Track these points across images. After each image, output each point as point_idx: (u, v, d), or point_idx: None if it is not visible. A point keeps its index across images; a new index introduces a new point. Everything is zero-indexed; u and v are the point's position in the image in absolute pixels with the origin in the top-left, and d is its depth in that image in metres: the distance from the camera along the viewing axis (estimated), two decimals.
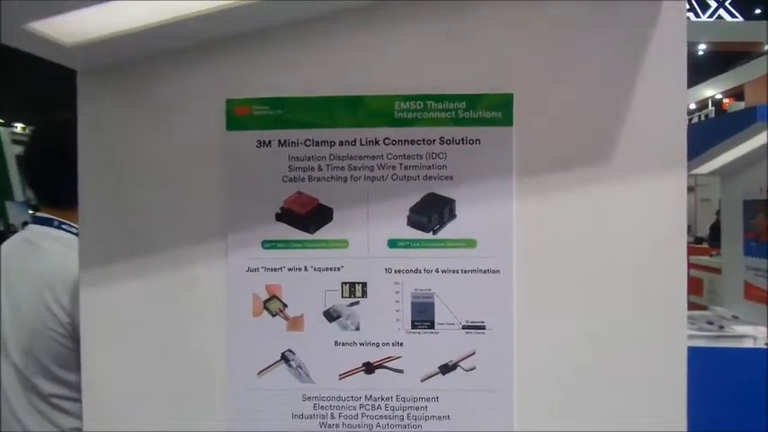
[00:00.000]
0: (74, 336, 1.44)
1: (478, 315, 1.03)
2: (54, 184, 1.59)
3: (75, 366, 1.45)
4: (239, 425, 1.06)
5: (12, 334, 1.48)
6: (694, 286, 4.31)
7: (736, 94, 15.38)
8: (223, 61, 1.05)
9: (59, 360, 1.46)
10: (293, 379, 1.06)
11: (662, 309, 1.03)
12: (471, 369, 1.03)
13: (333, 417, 1.05)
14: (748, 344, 2.51)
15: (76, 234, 1.56)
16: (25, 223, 1.69)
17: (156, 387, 1.08)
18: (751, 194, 3.05)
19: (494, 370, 1.03)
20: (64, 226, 1.58)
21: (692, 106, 16.09)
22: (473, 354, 1.03)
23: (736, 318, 2.92)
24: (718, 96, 16.08)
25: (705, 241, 8.33)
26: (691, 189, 10.18)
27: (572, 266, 1.04)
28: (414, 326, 1.04)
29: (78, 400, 1.47)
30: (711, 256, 5.21)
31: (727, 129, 2.88)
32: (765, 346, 2.48)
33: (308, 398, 1.05)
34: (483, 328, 1.03)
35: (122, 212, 1.09)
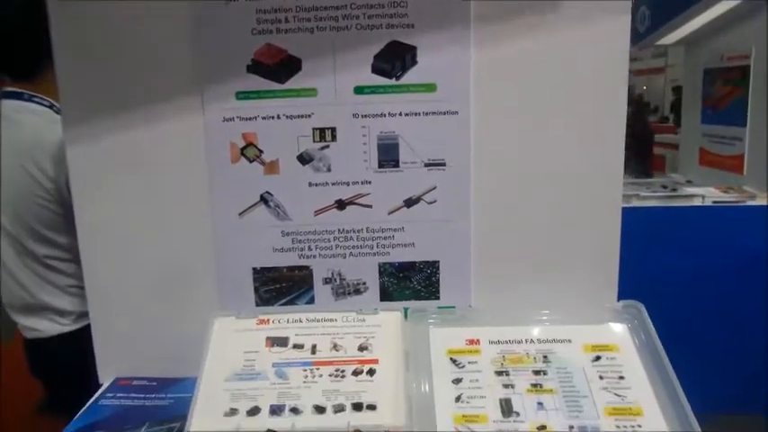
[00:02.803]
0: (59, 200, 1.52)
1: (439, 153, 1.13)
2: (20, 58, 1.61)
3: (65, 229, 1.54)
4: (225, 260, 1.18)
5: (1, 204, 1.55)
6: (658, 163, 4.47)
7: None
8: None
9: (48, 224, 1.54)
10: (272, 218, 1.16)
11: (601, 155, 1.14)
12: (433, 202, 1.15)
13: (310, 249, 1.17)
14: (697, 202, 2.68)
15: (48, 106, 1.60)
16: None
17: (146, 232, 1.18)
18: (712, 63, 3.13)
19: (453, 202, 1.15)
20: (35, 99, 1.60)
21: None
22: (434, 188, 1.14)
23: (689, 182, 3.10)
24: None
25: (670, 120, 8.45)
26: (661, 70, 10.20)
27: (523, 108, 1.13)
28: (380, 165, 1.14)
29: (71, 261, 1.59)
30: (675, 133, 5.34)
31: None
32: (712, 204, 2.66)
33: (287, 233, 1.17)
34: (443, 164, 1.13)
35: (99, 72, 1.13)
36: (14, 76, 1.63)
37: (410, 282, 1.18)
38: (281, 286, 1.18)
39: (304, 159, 1.14)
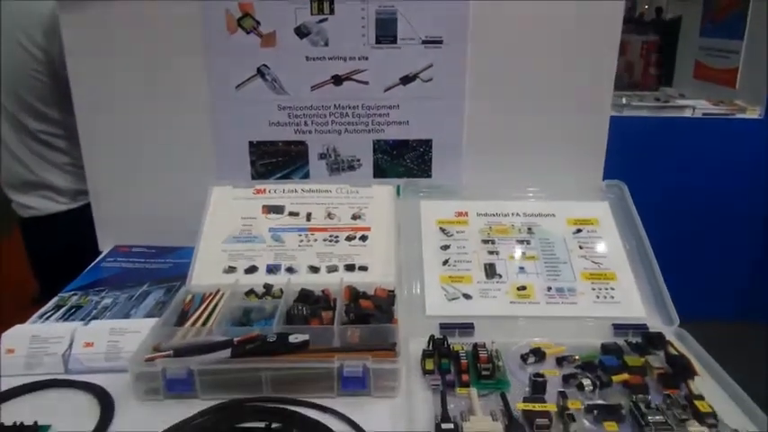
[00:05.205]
0: (51, 72, 1.51)
1: (437, 31, 1.13)
2: None
3: (58, 103, 1.54)
4: (222, 133, 1.19)
5: None
6: (654, 81, 4.44)
7: None
8: None
9: (41, 97, 1.54)
10: (269, 91, 1.17)
11: (597, 39, 1.14)
12: (429, 80, 1.16)
13: (306, 124, 1.19)
14: (687, 114, 2.70)
15: None
16: None
17: (144, 104, 1.19)
18: None
19: (448, 80, 1.16)
20: None
21: None
22: (431, 66, 1.15)
23: (682, 95, 3.10)
24: None
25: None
26: None
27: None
28: (378, 41, 1.14)
29: (67, 138, 1.59)
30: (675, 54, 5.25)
31: None
32: (703, 116, 2.69)
33: (283, 108, 1.18)
34: (440, 42, 1.14)
35: None
36: None
37: (403, 159, 1.21)
38: (277, 161, 1.21)
39: (301, 32, 1.14)
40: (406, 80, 1.16)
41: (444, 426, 0.68)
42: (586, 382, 0.76)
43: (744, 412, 0.74)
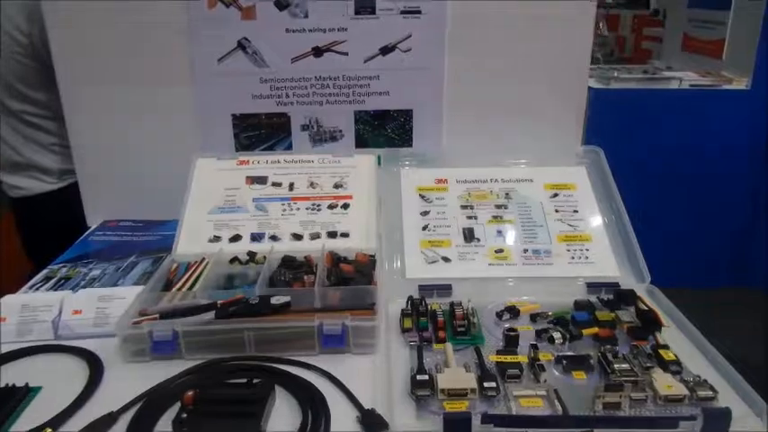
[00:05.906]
0: (34, 54, 1.51)
1: (415, 1, 1.14)
2: None
3: (42, 84, 1.55)
4: (205, 106, 1.21)
5: None
6: (644, 54, 4.43)
7: None
8: None
9: (24, 79, 1.54)
10: (250, 64, 1.18)
11: (569, 32, 1.17)
12: (408, 50, 1.17)
13: (288, 96, 1.20)
14: (674, 85, 2.71)
15: None
16: None
17: (128, 81, 1.20)
18: None
19: (427, 50, 1.17)
20: None
21: None
22: (410, 36, 1.17)
23: (669, 68, 3.11)
24: None
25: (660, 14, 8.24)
26: None
27: None
28: (357, 12, 1.15)
29: (52, 118, 1.60)
30: (663, 27, 5.24)
31: None
32: (689, 87, 2.70)
33: (265, 80, 1.19)
34: (419, 12, 1.15)
35: None
36: None
37: (384, 129, 1.23)
38: (261, 133, 1.23)
39: (281, 4, 1.15)
40: (386, 51, 1.17)
41: (419, 377, 0.71)
42: (557, 335, 0.79)
43: (708, 360, 0.77)
